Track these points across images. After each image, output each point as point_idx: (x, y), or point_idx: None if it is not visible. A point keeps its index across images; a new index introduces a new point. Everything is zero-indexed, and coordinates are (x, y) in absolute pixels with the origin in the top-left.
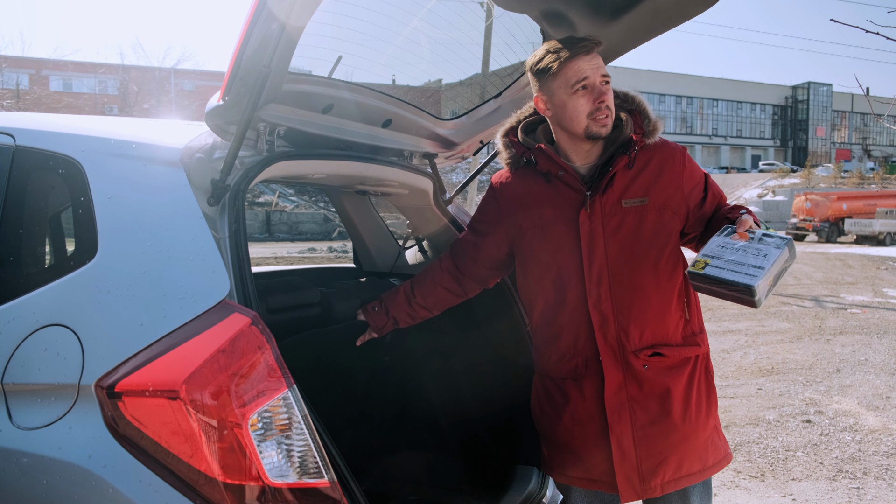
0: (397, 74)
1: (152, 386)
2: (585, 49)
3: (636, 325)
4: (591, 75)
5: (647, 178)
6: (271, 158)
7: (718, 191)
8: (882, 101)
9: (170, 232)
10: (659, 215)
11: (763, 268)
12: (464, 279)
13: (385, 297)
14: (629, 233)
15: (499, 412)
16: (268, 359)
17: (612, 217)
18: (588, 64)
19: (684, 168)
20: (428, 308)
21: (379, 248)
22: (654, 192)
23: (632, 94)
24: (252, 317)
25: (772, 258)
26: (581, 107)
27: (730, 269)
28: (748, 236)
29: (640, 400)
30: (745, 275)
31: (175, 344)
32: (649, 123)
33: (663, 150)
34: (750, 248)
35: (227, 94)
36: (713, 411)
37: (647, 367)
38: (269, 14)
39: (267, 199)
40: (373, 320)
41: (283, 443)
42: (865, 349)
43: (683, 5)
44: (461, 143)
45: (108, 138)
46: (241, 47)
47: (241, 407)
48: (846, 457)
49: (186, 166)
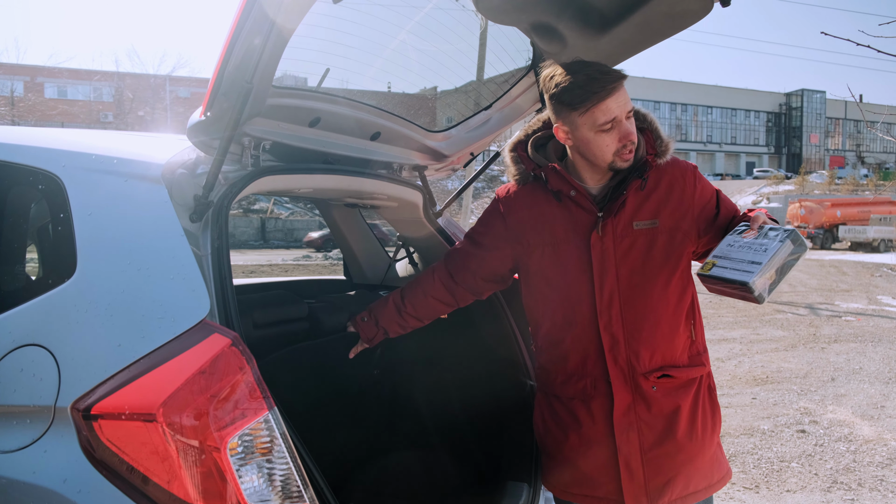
0: (392, 82)
1: (128, 409)
2: (610, 88)
3: (647, 348)
4: (619, 114)
5: (657, 199)
6: (256, 174)
7: (731, 205)
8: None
9: (150, 250)
10: (670, 237)
11: (759, 263)
12: (458, 289)
13: (374, 307)
14: (640, 255)
15: (490, 427)
16: (248, 380)
17: (623, 239)
18: (617, 102)
19: (695, 187)
20: (418, 318)
21: (369, 260)
22: (664, 214)
23: (643, 113)
24: (232, 337)
25: (770, 252)
26: (607, 146)
27: (731, 267)
28: (756, 232)
29: (648, 420)
30: (742, 272)
31: (153, 365)
32: (661, 143)
33: (674, 169)
34: (754, 244)
35: (210, 109)
36: (717, 429)
37: (656, 389)
38: (251, 29)
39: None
40: (363, 331)
41: (264, 466)
42: (860, 357)
43: (674, 17)
44: (451, 155)
45: (90, 153)
46: (222, 62)
47: (219, 430)
48: (841, 467)
49: (168, 182)
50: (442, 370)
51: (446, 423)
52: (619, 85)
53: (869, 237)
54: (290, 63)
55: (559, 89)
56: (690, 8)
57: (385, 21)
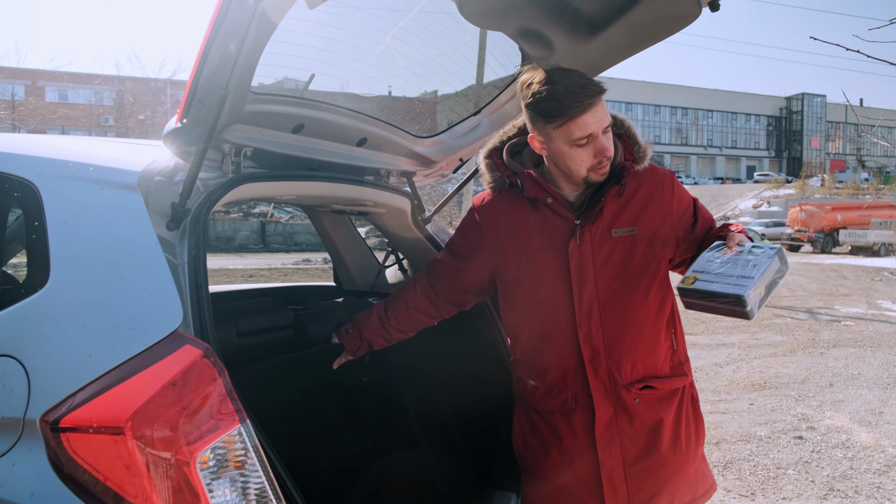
0: (393, 86)
1: (96, 422)
2: (587, 104)
3: (628, 359)
4: (594, 130)
5: (636, 206)
6: (235, 181)
7: (708, 214)
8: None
9: (124, 259)
10: (649, 245)
11: (752, 277)
12: (440, 301)
13: (358, 318)
14: (619, 263)
15: (478, 436)
16: (220, 392)
17: (602, 247)
18: (593, 118)
19: (673, 194)
20: (402, 330)
21: (359, 266)
22: (643, 221)
23: (621, 118)
24: (204, 349)
25: (761, 267)
26: (582, 161)
27: (719, 281)
28: (737, 250)
29: (631, 434)
30: (734, 285)
31: (123, 377)
32: (639, 149)
33: (652, 176)
34: (739, 260)
35: (185, 116)
36: (701, 440)
37: (638, 401)
38: (226, 35)
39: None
40: (347, 343)
41: (237, 481)
42: (859, 363)
43: (662, 22)
44: (440, 160)
45: (66, 160)
46: (197, 68)
47: (189, 444)
48: (838, 475)
49: (145, 190)
50: (431, 378)
51: (435, 432)
52: (596, 100)
53: (869, 241)
54: (279, 69)
55: (535, 99)
56: (679, 12)
57: (388, 24)
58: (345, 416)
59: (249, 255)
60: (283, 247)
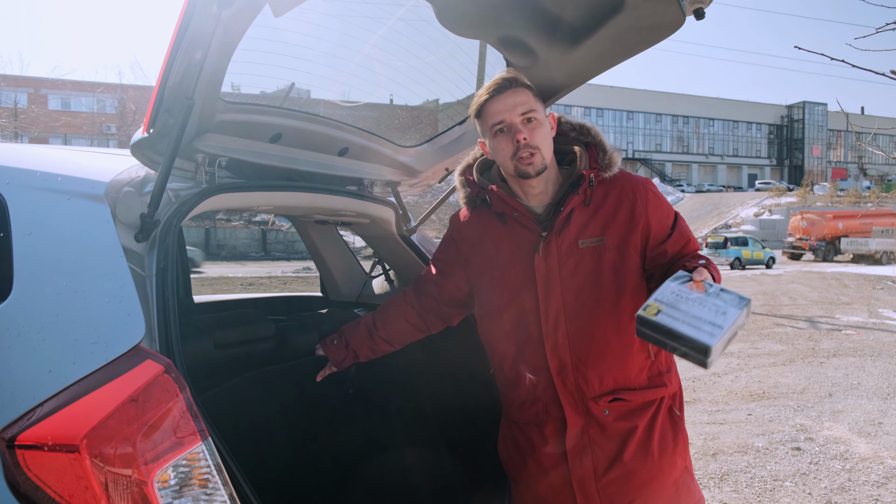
0: (395, 95)
1: (52, 440)
2: (497, 90)
3: (595, 372)
4: (506, 117)
5: (604, 215)
6: (207, 191)
7: (687, 233)
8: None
9: (87, 272)
10: (618, 254)
11: (722, 327)
12: (427, 315)
13: (345, 329)
14: (587, 274)
15: (464, 447)
16: (182, 409)
17: (568, 258)
18: (503, 104)
19: (647, 202)
20: (390, 342)
21: (345, 277)
22: (612, 230)
23: (588, 126)
24: (165, 364)
25: (731, 317)
26: (503, 149)
27: (685, 321)
28: (704, 288)
29: (602, 444)
30: (703, 332)
31: (81, 393)
32: (605, 157)
33: (623, 184)
34: (707, 303)
35: (152, 125)
36: (681, 451)
37: (608, 413)
38: (190, 42)
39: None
40: (332, 354)
41: (199, 500)
42: (859, 372)
43: (645, 30)
44: (425, 170)
45: (35, 170)
46: (162, 77)
47: (147, 463)
48: (835, 487)
49: (112, 200)
50: (416, 388)
51: (421, 442)
52: (506, 89)
53: (871, 249)
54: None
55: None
56: (662, 21)
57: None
58: (329, 427)
59: (250, 263)
60: (283, 255)
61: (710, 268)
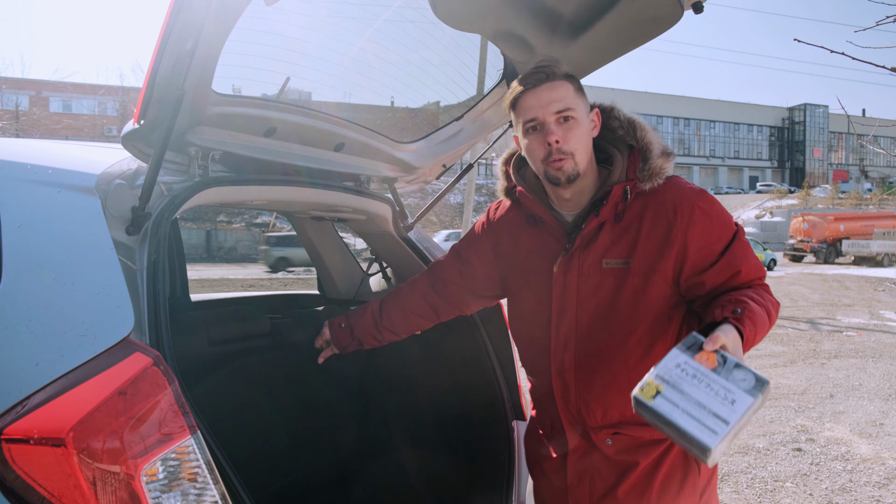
0: (393, 95)
1: (38, 433)
2: (531, 83)
3: (598, 403)
4: (539, 114)
5: (635, 234)
6: (200, 185)
7: (737, 262)
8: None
9: (77, 264)
10: (642, 282)
11: (728, 423)
12: (442, 304)
13: (351, 315)
14: (605, 298)
15: (463, 448)
16: (170, 402)
17: (589, 277)
18: (536, 100)
19: (691, 222)
20: (395, 332)
21: (342, 274)
22: (639, 253)
23: (637, 124)
24: (154, 357)
25: (740, 409)
26: (534, 150)
27: (686, 409)
28: (716, 361)
29: (602, 471)
30: (703, 426)
31: (68, 386)
32: (646, 167)
33: (665, 198)
34: (716, 385)
35: (143, 117)
36: (688, 494)
37: (611, 443)
38: (181, 32)
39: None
40: (337, 337)
41: (189, 494)
42: (860, 373)
43: (643, 24)
44: (422, 166)
45: (25, 163)
46: (153, 67)
47: (135, 457)
48: (836, 487)
49: (103, 193)
50: (415, 388)
51: (419, 442)
52: (544, 81)
53: (872, 251)
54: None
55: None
56: (660, 14)
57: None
58: (327, 426)
59: (251, 264)
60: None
61: (745, 318)
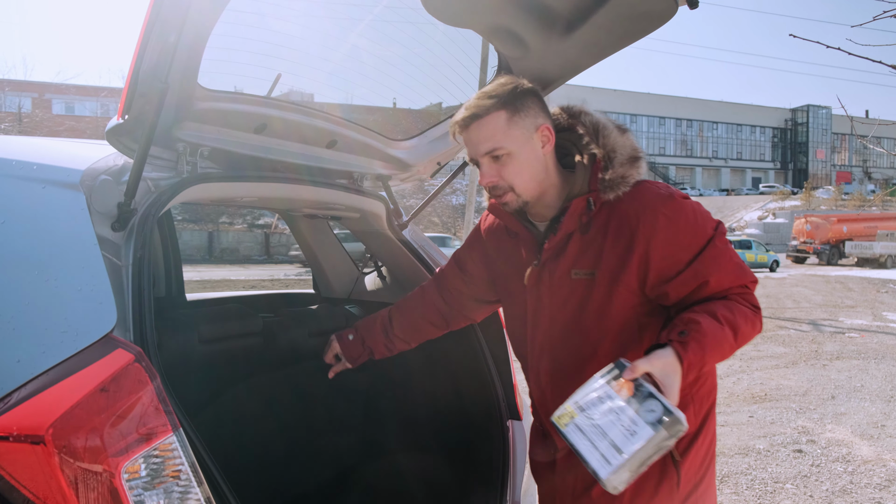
0: (393, 96)
1: (17, 430)
2: (462, 124)
3: None
4: (472, 154)
5: (600, 243)
6: (187, 181)
7: (704, 272)
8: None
9: (60, 260)
10: (607, 292)
11: (622, 453)
12: (450, 312)
13: (361, 325)
14: (575, 308)
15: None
16: (152, 399)
17: (560, 288)
18: (468, 140)
19: (655, 230)
20: (406, 340)
21: (337, 273)
22: (604, 263)
23: (602, 127)
24: (136, 353)
25: (639, 440)
26: (481, 182)
27: (590, 437)
28: (632, 390)
29: (582, 471)
30: (600, 456)
31: (49, 383)
32: (606, 177)
33: (630, 205)
34: (623, 415)
35: (127, 111)
36: (663, 498)
37: None
38: (164, 25)
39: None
40: (348, 350)
41: (172, 491)
42: (862, 375)
43: (637, 19)
44: (416, 164)
45: (10, 159)
46: (136, 60)
47: (116, 454)
48: (837, 489)
49: (88, 189)
50: (412, 389)
51: (415, 443)
52: (470, 122)
53: (876, 253)
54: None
55: None
56: (654, 9)
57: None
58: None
59: (253, 266)
60: (286, 258)
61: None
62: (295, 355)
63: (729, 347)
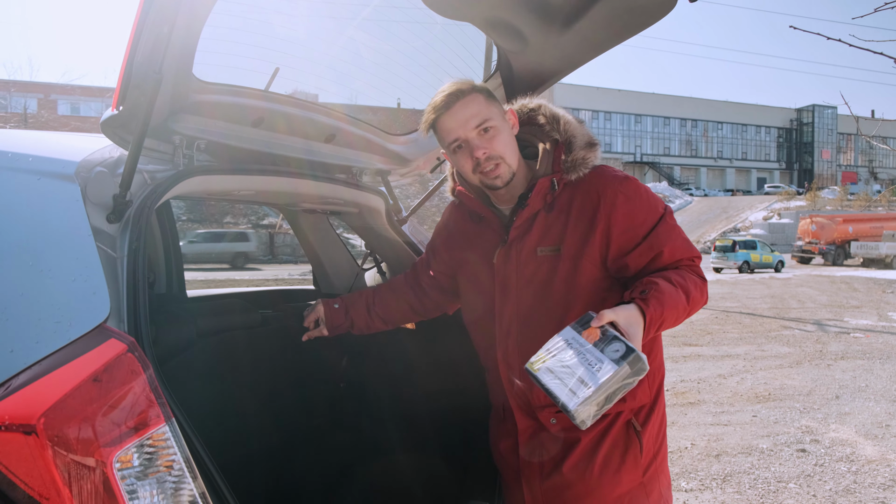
0: (402, 97)
1: (9, 420)
2: (444, 106)
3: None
4: (460, 134)
5: (564, 221)
6: (184, 173)
7: (659, 243)
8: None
9: (54, 251)
10: (572, 266)
11: (589, 386)
12: (424, 299)
13: (347, 297)
14: (541, 283)
15: (455, 444)
16: (145, 390)
17: (526, 265)
18: (454, 121)
19: (614, 207)
20: (385, 320)
21: (337, 268)
22: (568, 239)
23: (560, 118)
24: (129, 343)
25: (603, 375)
26: (464, 166)
27: (559, 376)
28: (598, 335)
29: (550, 448)
30: (569, 390)
31: (42, 373)
32: (568, 158)
33: (591, 185)
34: (589, 355)
35: (122, 102)
36: (630, 467)
37: (555, 422)
38: (157, 15)
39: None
40: (331, 317)
41: (165, 482)
42: (867, 375)
43: (636, 12)
44: (415, 159)
45: (6, 151)
46: (130, 50)
47: (108, 444)
48: (841, 489)
49: (83, 180)
50: (408, 384)
51: (411, 439)
52: (454, 101)
53: (881, 253)
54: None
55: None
56: (652, 2)
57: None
58: (321, 422)
59: (258, 265)
60: (291, 258)
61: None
62: (293, 350)
63: (683, 310)
